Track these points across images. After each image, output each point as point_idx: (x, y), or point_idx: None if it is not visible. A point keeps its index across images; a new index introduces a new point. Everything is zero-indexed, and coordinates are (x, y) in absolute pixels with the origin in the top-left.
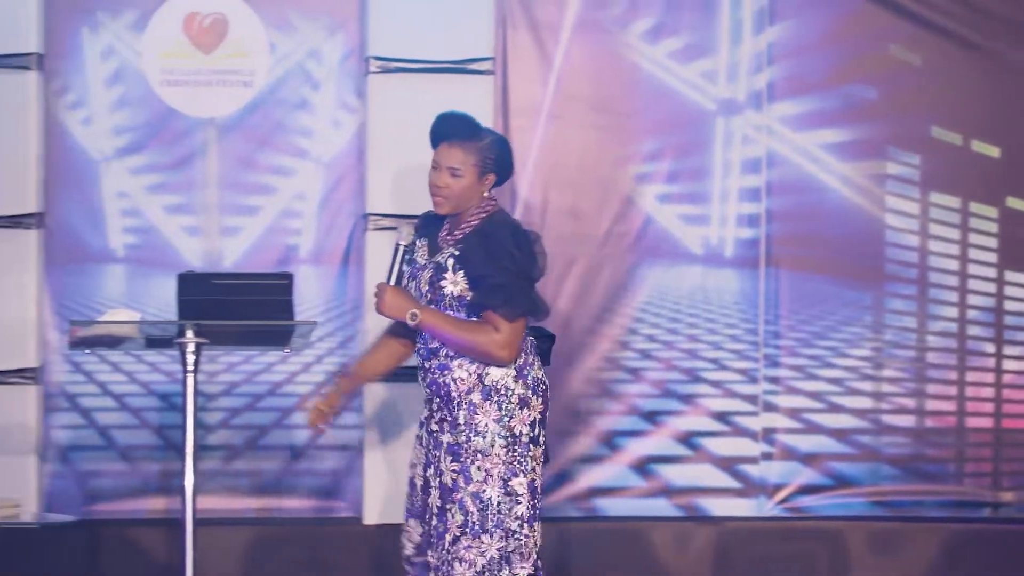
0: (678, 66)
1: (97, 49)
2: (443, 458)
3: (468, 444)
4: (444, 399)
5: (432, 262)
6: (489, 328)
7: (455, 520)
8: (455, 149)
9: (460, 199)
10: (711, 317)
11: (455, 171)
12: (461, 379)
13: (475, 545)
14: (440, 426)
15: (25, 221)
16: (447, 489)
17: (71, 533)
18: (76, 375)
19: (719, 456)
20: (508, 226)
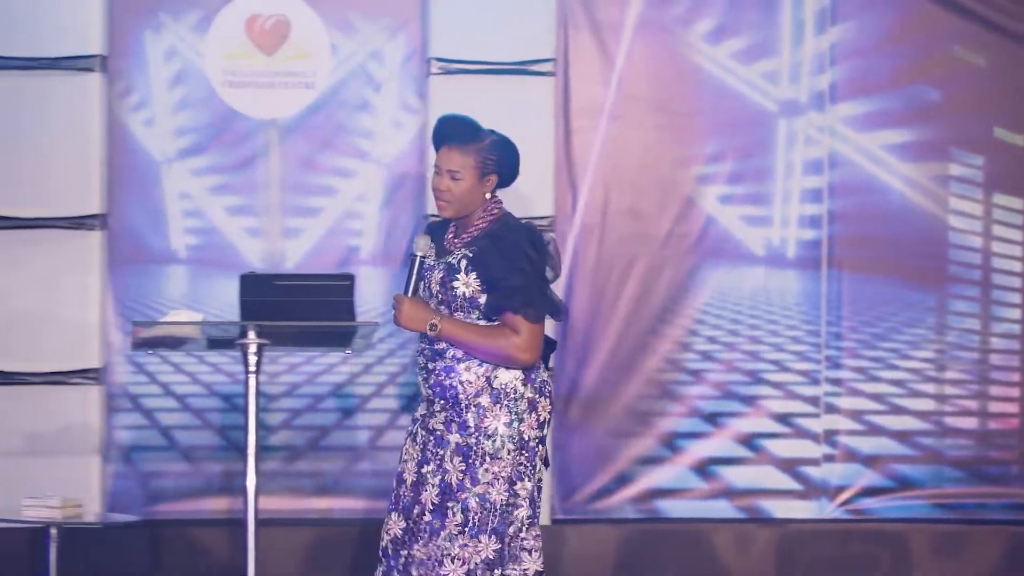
0: (740, 67)
1: (160, 50)
2: (449, 457)
3: (478, 447)
4: (450, 401)
5: (442, 263)
6: (508, 332)
7: (455, 519)
8: (454, 152)
9: (462, 202)
10: (773, 319)
11: (455, 174)
12: (469, 382)
13: (471, 544)
14: (447, 426)
15: (88, 222)
16: (450, 487)
17: (134, 533)
18: (139, 376)
19: (780, 458)
20: (521, 228)
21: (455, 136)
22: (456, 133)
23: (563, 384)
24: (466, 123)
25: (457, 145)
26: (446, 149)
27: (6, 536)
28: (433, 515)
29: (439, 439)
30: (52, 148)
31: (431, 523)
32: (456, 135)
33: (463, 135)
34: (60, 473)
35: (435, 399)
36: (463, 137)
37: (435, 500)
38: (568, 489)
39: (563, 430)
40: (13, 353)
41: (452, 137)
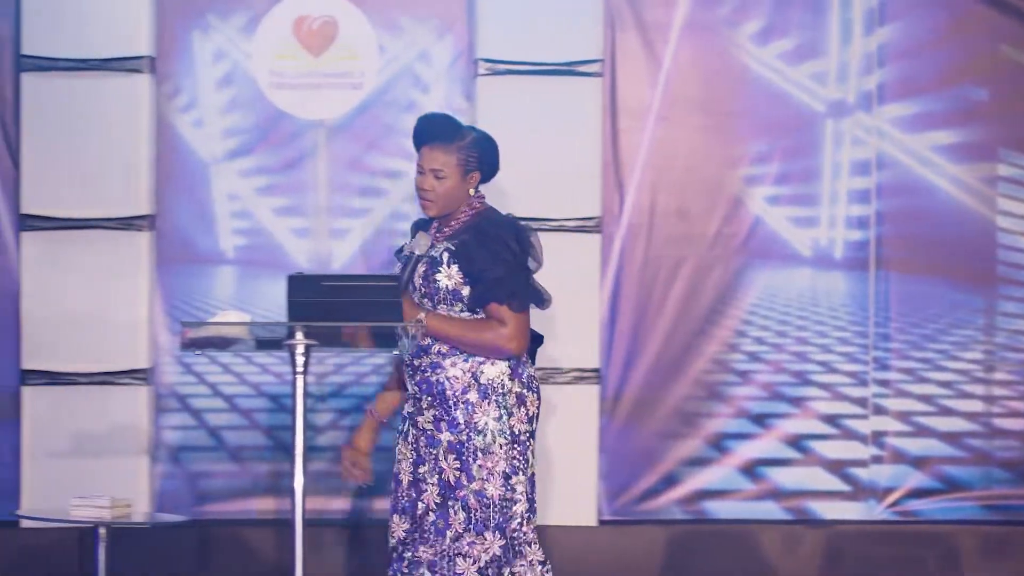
0: (787, 67)
1: (208, 52)
2: (443, 456)
3: (469, 443)
4: (438, 398)
5: (425, 257)
6: (494, 323)
7: (457, 517)
8: (436, 151)
9: (447, 200)
10: (820, 319)
11: (438, 173)
12: (456, 377)
13: (478, 542)
14: (436, 424)
15: (137, 223)
16: (449, 486)
17: (181, 533)
18: (187, 376)
19: (828, 459)
20: (503, 221)
21: (437, 135)
22: (438, 132)
23: (610, 385)
24: (447, 121)
25: (439, 144)
26: (428, 148)
27: (56, 536)
28: (436, 515)
29: (430, 438)
30: (101, 149)
31: (435, 523)
32: (438, 134)
33: (445, 133)
34: (109, 473)
35: (422, 396)
36: (445, 135)
37: (436, 500)
38: (615, 490)
39: (610, 431)
40: (62, 353)
41: (434, 136)
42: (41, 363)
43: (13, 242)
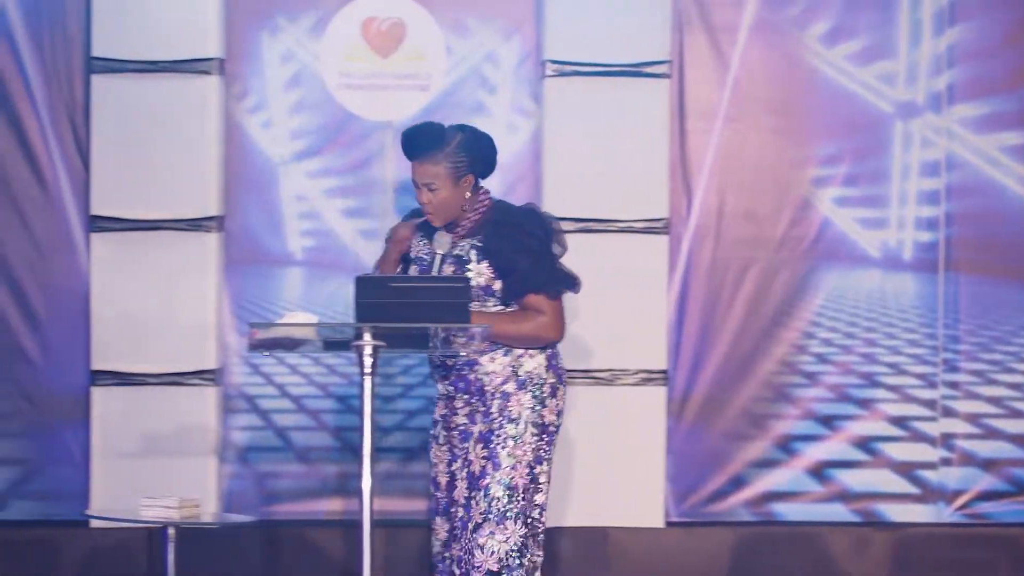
0: (856, 68)
1: (276, 53)
2: (472, 447)
3: (501, 431)
4: (475, 394)
5: (448, 257)
6: (532, 313)
7: (479, 507)
8: (425, 164)
9: (447, 209)
10: (889, 321)
11: (431, 185)
12: (495, 372)
13: (498, 532)
14: (471, 418)
15: (206, 224)
16: (474, 477)
17: (249, 534)
18: (255, 377)
19: (897, 461)
20: (522, 210)
21: (422, 148)
22: (423, 144)
23: (678, 387)
24: (429, 131)
25: (426, 156)
26: (417, 163)
27: (124, 536)
28: (464, 509)
29: (463, 433)
30: (170, 150)
31: (462, 518)
32: (423, 146)
33: (428, 145)
34: (177, 473)
35: (456, 395)
36: (428, 147)
37: (464, 494)
38: (683, 492)
39: (677, 433)
40: (131, 354)
41: (420, 149)
42: (110, 364)
43: (83, 243)
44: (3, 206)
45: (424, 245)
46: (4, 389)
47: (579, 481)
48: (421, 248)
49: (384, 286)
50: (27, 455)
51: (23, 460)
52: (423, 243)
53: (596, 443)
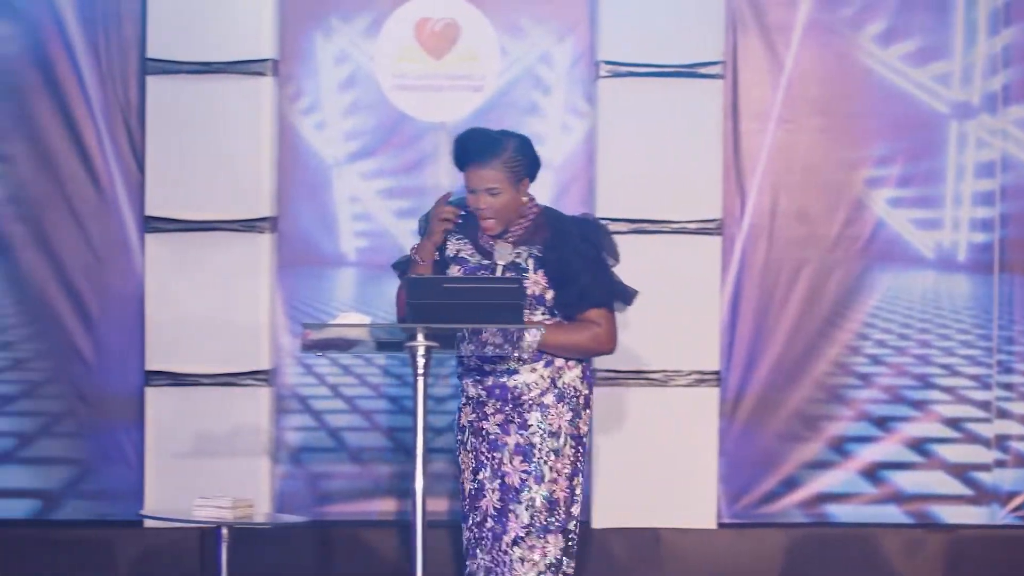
0: (910, 69)
1: (330, 54)
2: (508, 459)
3: (542, 444)
4: (511, 402)
5: (507, 265)
6: (589, 323)
7: (519, 520)
8: (485, 170)
9: (508, 213)
10: (943, 322)
11: (492, 191)
12: (535, 383)
13: (539, 545)
14: (503, 428)
15: (259, 225)
16: (512, 490)
17: (302, 534)
18: (307, 377)
19: (951, 463)
20: (578, 220)
21: (481, 153)
22: (481, 149)
23: (731, 388)
24: (486, 136)
25: (486, 161)
26: (475, 168)
27: (178, 536)
28: (495, 520)
29: (493, 442)
30: (224, 151)
31: (493, 528)
32: (482, 151)
33: (488, 150)
34: (230, 474)
35: (488, 400)
36: (489, 152)
37: (496, 505)
38: (735, 493)
39: (730, 434)
40: (184, 355)
41: (479, 154)
42: (164, 364)
43: (138, 244)
44: (58, 208)
45: (465, 245)
46: (59, 390)
47: (631, 482)
48: (462, 248)
49: (437, 287)
50: (82, 455)
51: (78, 460)
52: (462, 242)
53: (649, 444)
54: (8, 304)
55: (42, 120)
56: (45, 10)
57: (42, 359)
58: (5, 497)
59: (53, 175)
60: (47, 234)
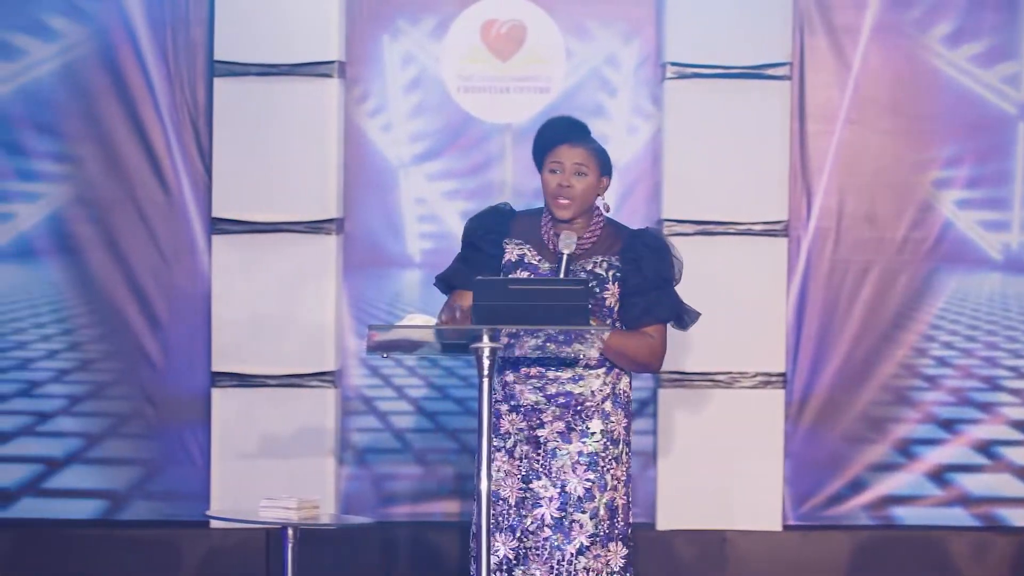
0: (979, 70)
1: (397, 56)
2: (570, 468)
3: (606, 452)
4: (572, 409)
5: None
6: (646, 335)
7: (584, 530)
8: (578, 148)
9: (585, 200)
10: (1010, 324)
11: (580, 168)
12: (599, 389)
13: (603, 554)
14: (563, 436)
15: (326, 226)
16: (576, 499)
17: (367, 535)
18: (373, 379)
19: (1018, 465)
20: (652, 235)
21: (577, 134)
22: (577, 131)
23: (797, 389)
24: (582, 124)
25: (580, 142)
26: (568, 146)
27: (244, 536)
28: (554, 530)
29: (551, 451)
30: (291, 153)
31: (551, 539)
32: (577, 133)
33: (582, 130)
34: (296, 475)
35: (546, 408)
36: (583, 132)
37: (555, 514)
38: (801, 495)
39: (796, 436)
40: (251, 356)
41: (574, 135)
42: (230, 365)
43: (204, 246)
44: (126, 209)
45: (529, 249)
46: (127, 391)
47: (697, 484)
48: (526, 252)
49: (503, 288)
50: (149, 456)
51: (145, 461)
52: (525, 247)
53: (714, 446)
54: (77, 305)
55: (111, 122)
56: (114, 13)
57: (110, 360)
58: (73, 497)
59: (121, 177)
60: (115, 235)
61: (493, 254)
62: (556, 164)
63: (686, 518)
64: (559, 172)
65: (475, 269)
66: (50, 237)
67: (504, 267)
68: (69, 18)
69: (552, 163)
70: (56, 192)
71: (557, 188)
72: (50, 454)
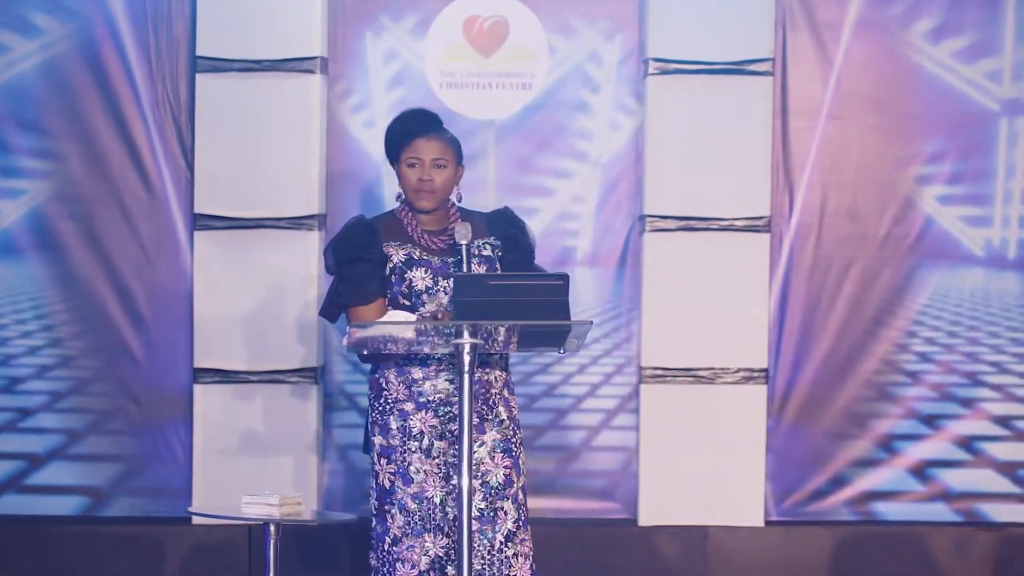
0: (961, 66)
1: (380, 53)
2: (489, 458)
3: (515, 437)
4: (481, 398)
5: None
6: None
7: (508, 516)
8: (434, 141)
9: (444, 192)
10: (992, 320)
11: (438, 161)
12: (499, 376)
13: (527, 537)
14: (479, 427)
15: (308, 223)
16: (497, 488)
17: (350, 531)
18: (355, 375)
19: (1000, 461)
20: (506, 212)
21: (431, 125)
22: (431, 122)
23: (779, 385)
24: (435, 115)
25: (435, 134)
26: (425, 139)
27: (227, 533)
28: (481, 522)
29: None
30: (273, 149)
31: (481, 531)
32: (431, 124)
33: (436, 124)
34: (278, 471)
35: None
36: (438, 125)
37: (480, 506)
38: (783, 491)
39: (778, 432)
40: (233, 352)
41: (428, 126)
42: (213, 362)
43: (187, 242)
44: (109, 205)
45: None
46: (109, 387)
47: (679, 479)
48: (412, 251)
49: (483, 284)
50: (131, 452)
51: (127, 457)
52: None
53: (696, 442)
54: (58, 301)
55: (93, 119)
56: (96, 10)
57: (92, 356)
58: (55, 494)
59: (103, 173)
60: (97, 232)
61: (379, 261)
62: (414, 159)
63: (668, 514)
64: (418, 166)
65: (368, 280)
66: (32, 233)
67: (395, 270)
68: (51, 15)
69: (410, 158)
70: (38, 188)
71: (418, 182)
72: (32, 450)
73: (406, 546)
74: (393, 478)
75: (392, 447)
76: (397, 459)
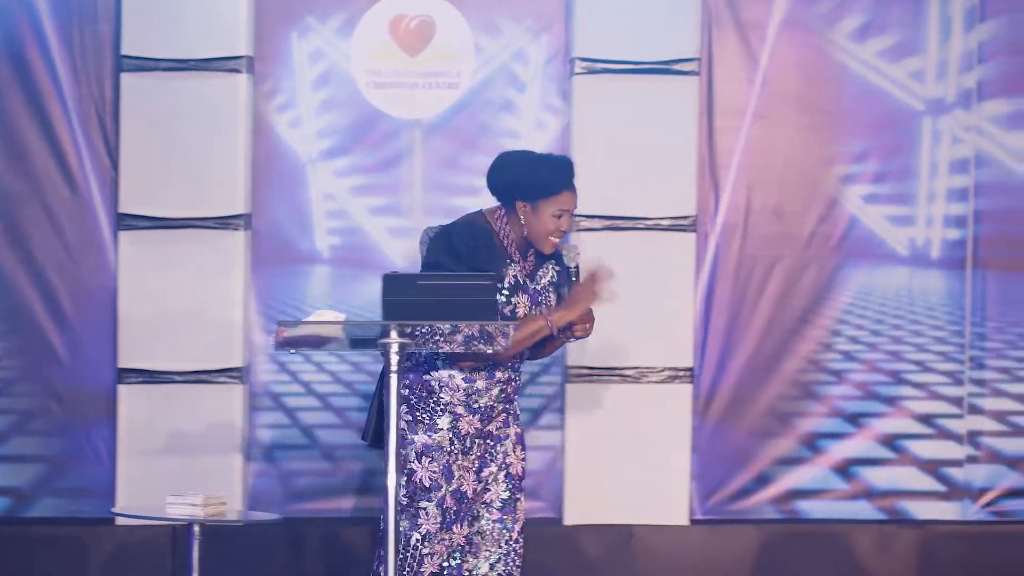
0: (886, 65)
1: (306, 52)
2: (511, 449)
3: (523, 431)
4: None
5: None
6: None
7: (522, 505)
8: (575, 194)
9: None
10: (916, 319)
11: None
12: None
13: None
14: (505, 422)
15: (233, 222)
16: (517, 479)
17: (275, 531)
18: (281, 375)
19: (923, 459)
20: None
21: (574, 176)
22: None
23: (704, 384)
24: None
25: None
26: (571, 193)
27: (150, 533)
28: (503, 512)
29: (497, 437)
30: (199, 148)
31: (501, 520)
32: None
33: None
34: (203, 471)
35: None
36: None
37: (503, 496)
38: (708, 489)
39: (703, 430)
40: (158, 352)
41: (573, 178)
42: (137, 362)
43: (111, 241)
44: (32, 204)
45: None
46: (32, 387)
47: (604, 478)
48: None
49: (411, 284)
50: (54, 453)
51: (50, 458)
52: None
53: (621, 440)
54: None
55: (15, 117)
56: (20, 7)
57: (14, 356)
58: None
59: (27, 172)
60: (20, 231)
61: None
62: (563, 211)
63: (593, 513)
64: (563, 218)
65: None
66: None
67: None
68: None
69: (560, 209)
70: None
71: (556, 232)
72: None
73: (438, 540)
74: (435, 476)
75: (439, 447)
76: (441, 459)
